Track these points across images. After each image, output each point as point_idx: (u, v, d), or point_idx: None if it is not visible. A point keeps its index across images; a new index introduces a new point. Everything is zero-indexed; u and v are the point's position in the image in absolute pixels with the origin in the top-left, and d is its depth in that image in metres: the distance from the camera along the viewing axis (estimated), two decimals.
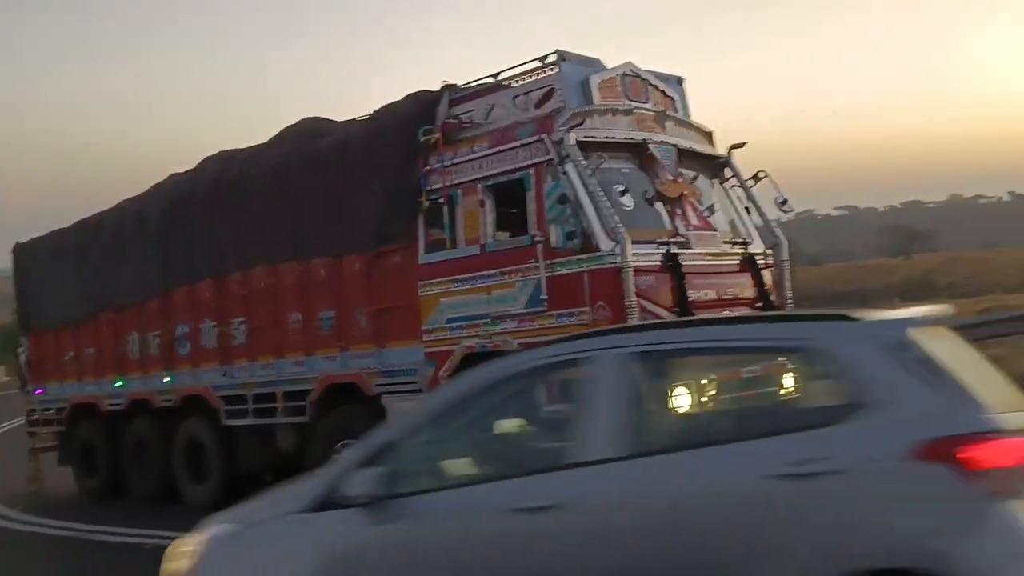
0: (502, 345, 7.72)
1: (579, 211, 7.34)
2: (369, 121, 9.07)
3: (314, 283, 9.33)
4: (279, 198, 9.58)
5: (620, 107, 8.00)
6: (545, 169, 7.56)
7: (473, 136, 8.26)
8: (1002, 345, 15.10)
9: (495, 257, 7.89)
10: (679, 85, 8.89)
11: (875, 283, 60.33)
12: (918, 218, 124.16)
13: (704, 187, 8.61)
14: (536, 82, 8.07)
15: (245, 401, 9.94)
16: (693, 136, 8.63)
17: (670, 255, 7.45)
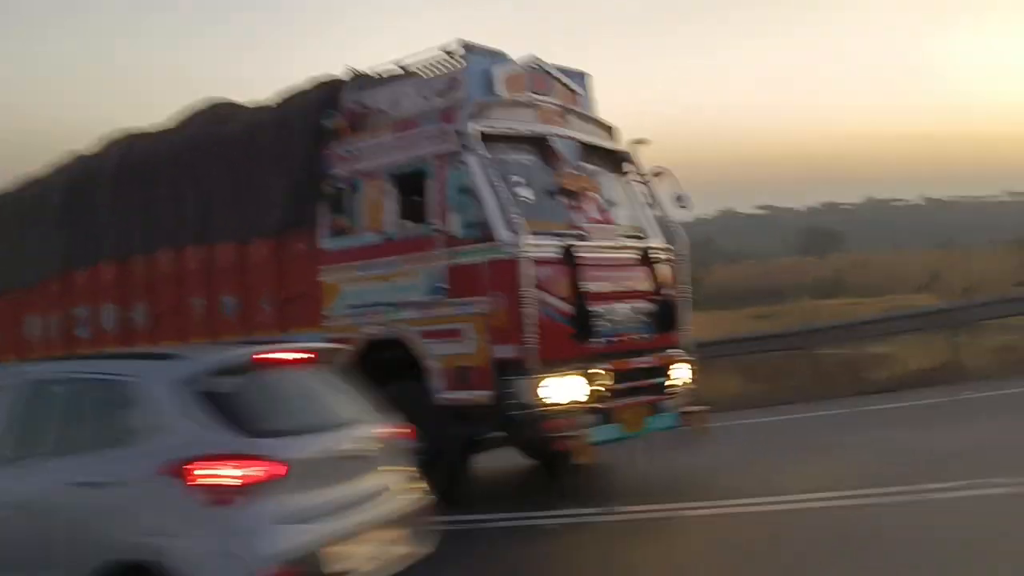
0: (402, 333, 7.78)
1: (479, 202, 7.41)
2: (275, 106, 9.02)
3: (218, 268, 9.26)
4: (185, 182, 9.49)
5: (523, 100, 8.09)
6: (447, 159, 7.62)
7: (377, 124, 8.29)
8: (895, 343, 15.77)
9: (396, 245, 7.93)
10: (584, 81, 9.02)
11: (788, 282, 61.87)
12: (835, 219, 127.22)
13: (607, 182, 8.76)
14: (441, 72, 8.12)
15: None
16: (596, 131, 8.76)
17: (567, 247, 7.58)
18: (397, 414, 7.76)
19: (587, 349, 7.57)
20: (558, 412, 7.29)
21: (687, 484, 8.05)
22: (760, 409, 12.60)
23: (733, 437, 10.12)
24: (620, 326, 7.93)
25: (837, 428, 10.41)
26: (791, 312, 33.66)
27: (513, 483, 9.15)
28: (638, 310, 8.15)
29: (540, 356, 7.21)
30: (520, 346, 7.20)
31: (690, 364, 8.61)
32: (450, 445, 7.67)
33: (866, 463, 8.06)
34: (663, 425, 8.18)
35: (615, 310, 7.90)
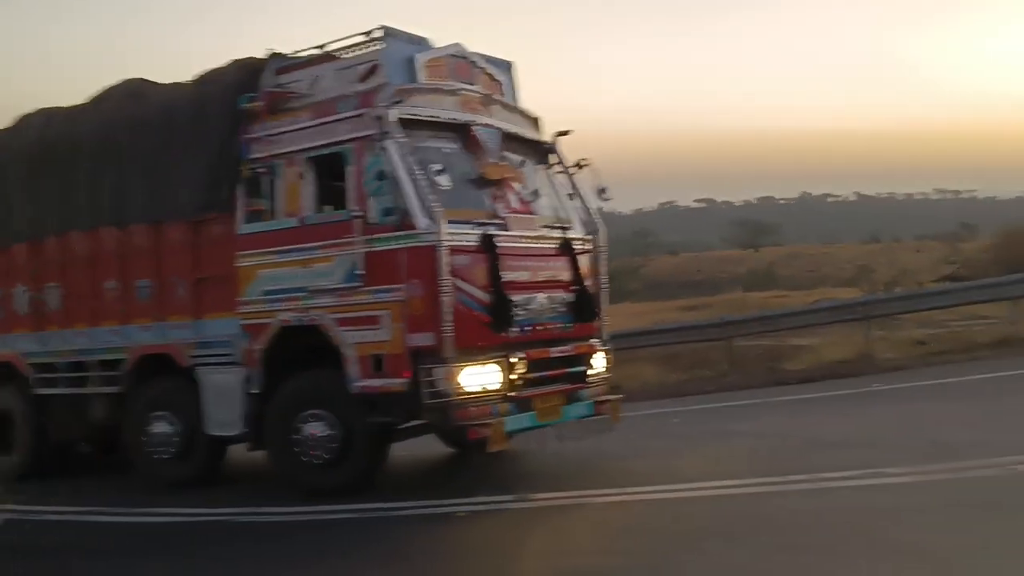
0: (318, 319, 7.73)
1: (397, 188, 7.39)
2: (193, 86, 8.85)
3: (133, 250, 9.07)
4: (100, 161, 9.27)
5: (445, 87, 8.06)
6: (365, 144, 7.58)
7: (297, 107, 8.18)
8: (815, 335, 16.19)
9: (314, 230, 7.87)
10: (509, 70, 9.02)
11: (723, 273, 62.95)
12: (771, 213, 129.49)
13: (529, 172, 8.80)
14: (361, 56, 8.04)
15: (57, 369, 9.60)
16: (520, 121, 8.78)
17: (486, 236, 7.61)
18: (313, 402, 7.81)
19: (504, 338, 7.61)
20: (473, 400, 7.32)
21: (597, 471, 8.18)
22: (677, 398, 12.86)
23: (646, 425, 10.32)
24: (538, 316, 7.98)
25: (746, 417, 10.68)
26: (721, 303, 34.37)
27: (429, 471, 9.19)
28: (557, 300, 8.21)
29: (456, 344, 7.23)
30: (436, 334, 7.21)
31: (606, 354, 8.71)
32: (365, 434, 7.67)
33: (766, 451, 8.31)
34: (578, 414, 8.26)
35: (533, 300, 7.95)
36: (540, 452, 8.65)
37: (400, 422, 7.75)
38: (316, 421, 7.74)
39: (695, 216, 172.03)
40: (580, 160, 9.04)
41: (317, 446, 7.73)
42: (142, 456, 8.93)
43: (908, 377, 12.02)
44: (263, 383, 8.05)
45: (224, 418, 8.29)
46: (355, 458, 7.74)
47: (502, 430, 7.37)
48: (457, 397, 7.24)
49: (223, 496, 8.28)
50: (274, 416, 7.96)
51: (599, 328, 8.73)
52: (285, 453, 7.89)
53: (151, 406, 8.88)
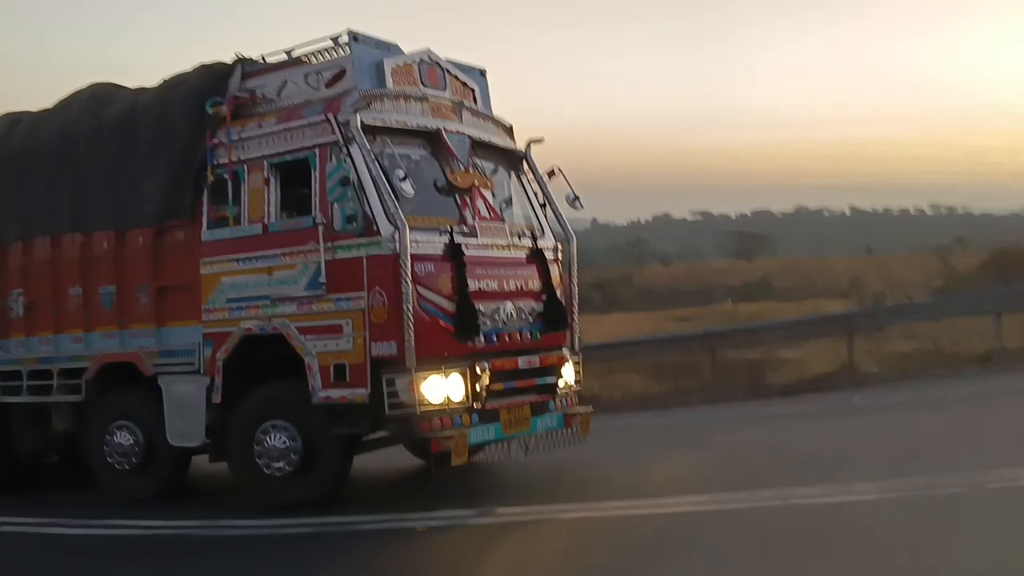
0: (281, 328, 7.58)
1: (361, 195, 7.26)
2: (158, 90, 8.71)
3: (96, 256, 8.89)
4: (64, 165, 9.10)
5: (413, 93, 7.93)
6: (330, 150, 7.44)
7: (262, 112, 8.05)
8: (805, 346, 16.10)
9: (277, 237, 7.72)
10: (481, 77, 8.90)
11: (716, 284, 62.93)
12: (766, 226, 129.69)
13: (499, 180, 8.68)
14: (328, 62, 7.92)
15: (20, 377, 9.43)
16: (491, 128, 8.65)
17: (452, 244, 7.47)
18: (275, 413, 7.66)
19: (469, 348, 7.46)
20: (435, 412, 7.17)
21: (565, 485, 8.03)
22: (658, 410, 12.72)
23: (620, 437, 10.20)
24: (505, 325, 7.83)
25: (723, 429, 10.56)
26: (712, 314, 34.31)
27: (396, 483, 9.03)
28: (525, 309, 8.07)
29: (419, 354, 7.07)
30: (398, 343, 7.06)
31: (576, 364, 8.57)
32: (328, 445, 7.52)
33: (739, 465, 8.17)
34: (546, 426, 8.11)
35: (501, 309, 7.80)
36: (508, 464, 8.50)
37: (364, 433, 7.60)
38: (278, 432, 7.57)
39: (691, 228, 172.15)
40: (552, 168, 8.93)
41: (279, 458, 7.56)
42: (103, 467, 8.74)
43: (889, 391, 11.90)
44: (225, 393, 7.89)
45: (186, 429, 8.12)
46: (318, 470, 7.57)
47: (465, 442, 7.21)
48: (419, 408, 7.08)
49: (185, 509, 8.10)
50: (236, 427, 7.79)
51: (570, 338, 8.58)
52: (247, 465, 7.72)
53: (112, 416, 8.71)
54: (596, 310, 53.05)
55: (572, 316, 8.64)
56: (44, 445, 9.84)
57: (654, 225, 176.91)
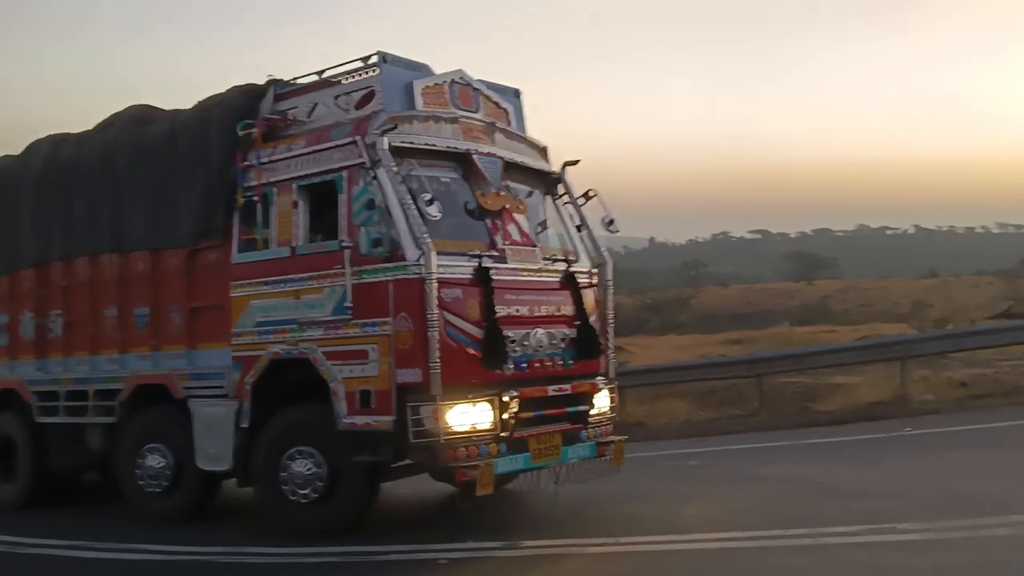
0: (307, 353, 7.49)
1: (387, 218, 7.14)
2: (194, 111, 8.73)
3: (132, 277, 8.95)
4: (103, 186, 9.20)
5: (444, 115, 7.81)
6: (357, 172, 7.35)
7: (292, 134, 8.01)
8: (858, 372, 15.61)
9: (305, 260, 7.64)
10: (516, 98, 8.75)
11: (774, 306, 62.07)
12: (826, 246, 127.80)
13: (533, 202, 8.51)
14: (358, 83, 7.85)
15: (58, 398, 9.49)
16: (525, 150, 8.49)
17: (480, 268, 7.31)
18: (301, 439, 7.56)
19: (497, 375, 7.28)
20: (461, 440, 6.99)
21: (595, 517, 7.77)
22: (701, 438, 12.38)
23: (660, 467, 9.89)
24: (535, 352, 7.64)
25: (766, 461, 10.18)
26: (767, 338, 33.70)
27: (419, 512, 8.86)
28: (557, 336, 7.86)
29: (445, 381, 6.90)
30: (424, 370, 6.91)
31: (611, 392, 8.33)
32: (353, 473, 7.39)
33: (778, 499, 7.83)
34: (578, 455, 7.87)
35: (530, 335, 7.61)
36: (539, 495, 8.28)
37: (388, 461, 7.43)
38: (303, 458, 7.49)
39: (749, 247, 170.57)
40: (588, 191, 8.73)
41: (304, 484, 7.46)
42: (133, 489, 8.74)
43: (943, 422, 11.41)
44: (253, 417, 7.81)
45: (214, 452, 8.06)
46: (342, 498, 7.45)
47: (491, 472, 7.00)
48: (444, 437, 6.91)
49: (211, 532, 8.03)
50: (262, 452, 7.71)
51: (604, 365, 8.35)
52: (272, 490, 7.63)
53: (144, 438, 8.70)
54: (651, 332, 52.66)
55: (607, 342, 8.41)
56: (78, 464, 9.87)
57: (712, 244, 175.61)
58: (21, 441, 9.88)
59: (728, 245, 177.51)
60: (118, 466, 8.95)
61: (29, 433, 9.79)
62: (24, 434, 9.84)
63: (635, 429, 13.04)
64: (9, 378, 10.04)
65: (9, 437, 10.01)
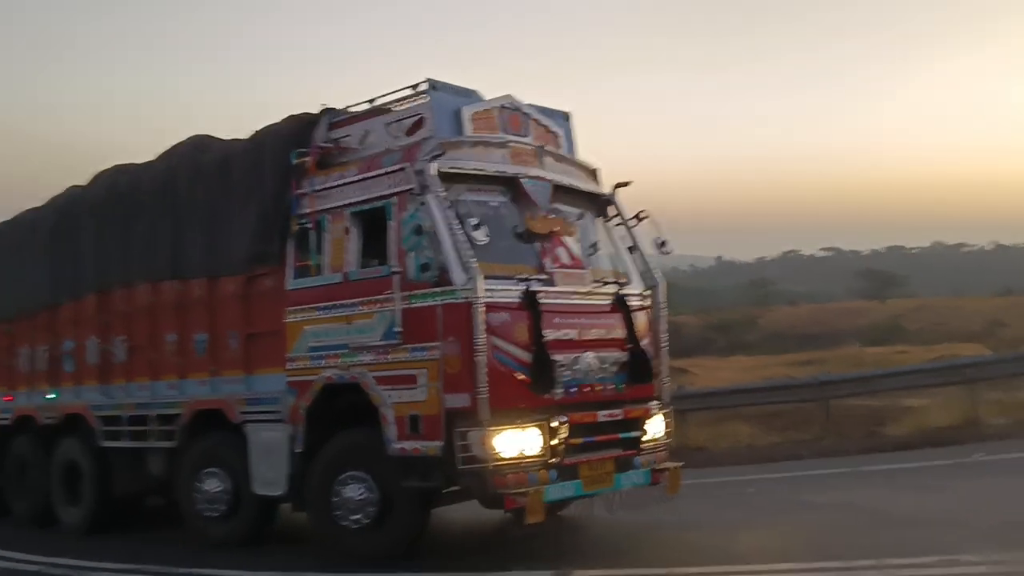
0: (358, 377, 7.53)
1: (435, 243, 7.16)
2: (251, 140, 8.89)
3: (190, 303, 9.12)
4: (163, 214, 9.42)
5: (492, 139, 7.82)
6: (406, 199, 7.40)
7: (345, 161, 8.10)
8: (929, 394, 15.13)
9: (356, 286, 7.70)
10: (566, 121, 8.74)
11: (845, 326, 60.62)
12: (900, 263, 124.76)
13: (583, 225, 8.46)
14: (408, 110, 7.92)
15: (120, 423, 9.69)
16: (575, 172, 8.46)
17: (528, 292, 7.27)
18: (353, 463, 7.59)
19: (546, 400, 7.22)
20: (510, 467, 6.93)
21: (647, 546, 7.62)
22: (764, 463, 12.10)
23: (718, 494, 9.67)
24: (585, 376, 7.56)
25: (829, 487, 9.89)
26: (836, 359, 32.91)
27: (472, 538, 8.78)
28: (608, 360, 7.77)
29: (493, 406, 6.86)
30: (471, 395, 6.88)
31: (665, 417, 8.19)
32: (404, 498, 7.38)
33: (838, 528, 7.59)
34: (632, 482, 7.75)
35: (580, 359, 7.54)
36: (592, 523, 8.16)
37: (437, 487, 7.40)
38: (356, 483, 7.51)
39: (820, 265, 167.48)
40: (639, 212, 8.65)
41: (356, 510, 7.49)
42: (192, 513, 8.86)
43: (1016, 447, 10.97)
44: (307, 442, 7.87)
45: (270, 477, 8.14)
46: (393, 524, 7.45)
47: (540, 499, 6.93)
48: (493, 463, 6.86)
49: (266, 558, 8.09)
50: (315, 477, 7.76)
51: (658, 389, 8.23)
52: (325, 515, 7.67)
53: (202, 462, 8.83)
54: (717, 353, 51.91)
55: (661, 366, 8.29)
56: (141, 488, 10.05)
57: (781, 262, 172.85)
58: (86, 465, 10.10)
59: (798, 263, 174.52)
60: (178, 490, 9.09)
61: (94, 457, 10.01)
62: (89, 458, 10.07)
63: (696, 454, 12.83)
64: (75, 403, 10.30)
65: (75, 461, 10.25)
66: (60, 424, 10.44)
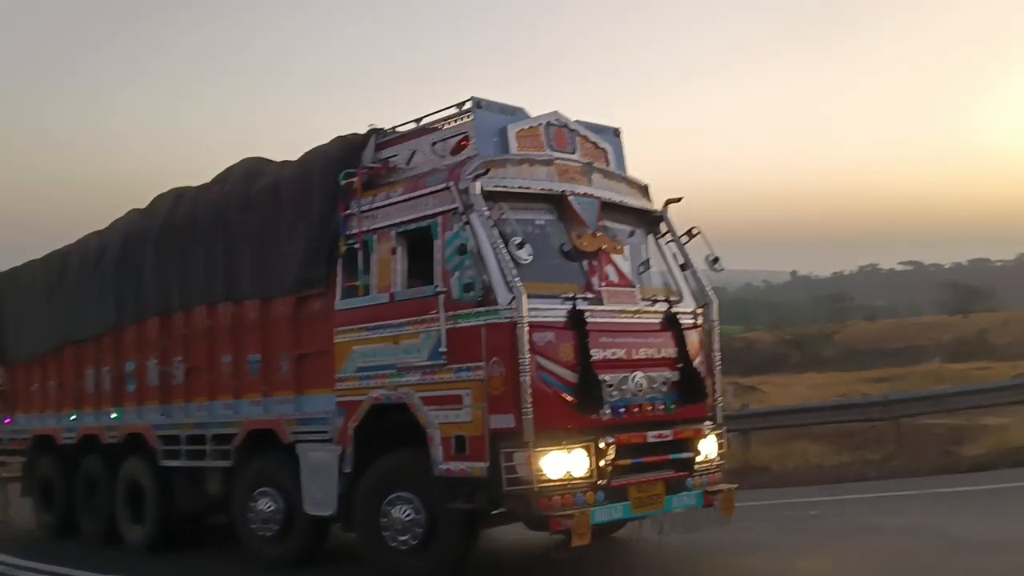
0: (405, 398, 7.50)
1: (479, 262, 7.10)
2: (299, 163, 8.98)
3: (244, 325, 9.24)
4: (217, 238, 9.57)
5: (538, 157, 7.74)
6: (451, 218, 7.36)
7: (392, 181, 8.12)
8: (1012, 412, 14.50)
9: (403, 306, 7.68)
10: (615, 137, 8.63)
11: (926, 341, 58.81)
12: (985, 276, 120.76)
13: (633, 242, 8.33)
14: (453, 129, 7.90)
15: (179, 442, 9.84)
16: (624, 189, 8.33)
17: (574, 311, 7.16)
18: (400, 484, 7.55)
19: (593, 421, 7.09)
20: (556, 488, 6.81)
21: (699, 571, 7.50)
22: (831, 484, 11.71)
23: (779, 516, 9.38)
24: (634, 396, 7.41)
25: (897, 510, 9.50)
26: (914, 376, 31.91)
27: (520, 560, 8.65)
28: (658, 379, 7.61)
29: (538, 427, 6.76)
30: (516, 416, 6.79)
31: (719, 437, 7.98)
32: (450, 519, 7.31)
33: (902, 554, 7.28)
34: (683, 504, 7.56)
35: (628, 379, 7.39)
36: (643, 546, 7.98)
37: (482, 509, 7.31)
38: (403, 504, 7.47)
39: (899, 279, 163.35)
40: (691, 228, 8.49)
41: (403, 530, 7.45)
42: (247, 532, 8.93)
43: None
44: (356, 462, 7.87)
45: (320, 497, 8.16)
46: (440, 545, 7.38)
47: (587, 522, 6.79)
48: (538, 484, 6.74)
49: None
50: (363, 497, 7.75)
51: (710, 409, 8.02)
52: (373, 536, 7.65)
53: (256, 482, 8.90)
54: (791, 369, 50.79)
55: (714, 385, 8.09)
56: (200, 507, 10.18)
57: (859, 276, 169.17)
58: (148, 484, 10.27)
59: (877, 277, 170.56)
60: (233, 510, 9.17)
61: (155, 476, 10.18)
62: (151, 477, 10.23)
63: (759, 474, 12.52)
64: (137, 423, 10.49)
65: (137, 481, 10.44)
66: (123, 443, 10.64)
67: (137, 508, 10.46)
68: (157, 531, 10.22)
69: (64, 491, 11.76)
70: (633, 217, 8.40)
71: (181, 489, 10.07)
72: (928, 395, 14.49)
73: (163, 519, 10.19)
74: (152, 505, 10.24)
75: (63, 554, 10.32)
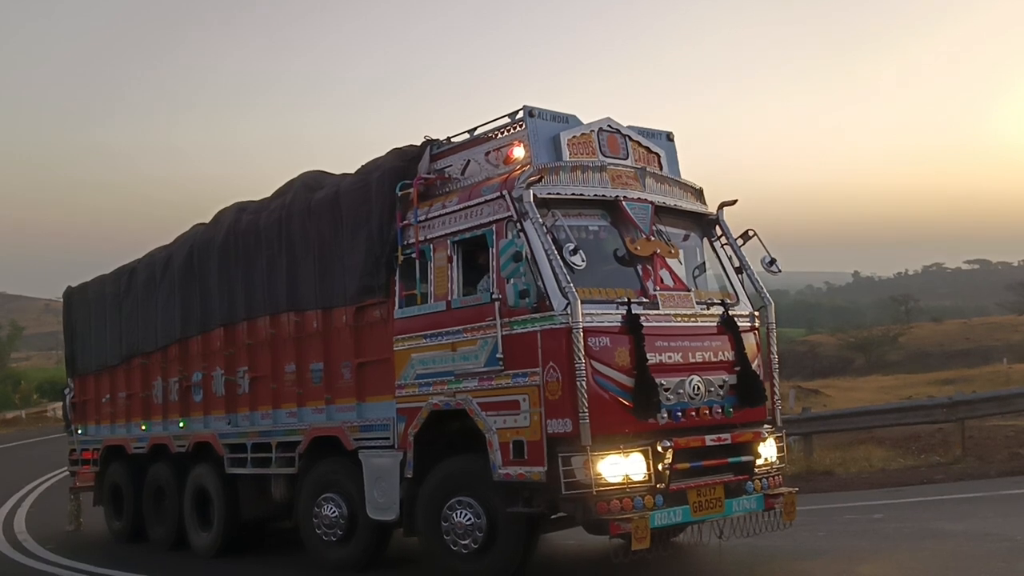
0: (463, 404, 7.60)
1: (534, 269, 7.18)
2: (358, 175, 9.16)
3: (307, 334, 9.43)
4: (279, 249, 9.79)
5: (591, 163, 7.81)
6: (505, 226, 7.46)
7: (447, 191, 8.25)
8: None
9: (460, 313, 7.79)
10: (668, 141, 8.65)
11: (995, 342, 57.44)
12: None
13: (688, 246, 8.34)
14: (506, 138, 8.00)
15: (245, 450, 10.07)
16: (677, 193, 8.35)
17: (629, 316, 7.20)
18: (460, 489, 7.65)
19: (650, 425, 7.11)
20: (615, 492, 6.85)
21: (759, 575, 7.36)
22: (896, 488, 11.53)
23: (842, 520, 9.27)
24: (691, 400, 7.41)
25: (963, 514, 9.33)
26: (982, 377, 31.23)
27: (580, 564, 8.69)
28: (715, 383, 7.60)
29: (595, 431, 6.80)
30: (573, 420, 6.85)
31: (778, 441, 7.94)
32: (510, 524, 7.39)
33: (967, 559, 7.15)
34: (743, 508, 7.54)
35: (685, 383, 7.40)
36: (705, 550, 7.95)
37: (542, 513, 7.37)
38: (463, 509, 7.57)
39: (966, 279, 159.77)
40: (747, 231, 8.48)
41: (464, 534, 7.54)
42: (312, 538, 9.11)
43: None
44: (417, 467, 7.99)
45: (382, 502, 8.30)
46: (501, 549, 7.45)
47: (646, 525, 6.81)
48: (596, 488, 6.79)
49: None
50: (424, 502, 7.86)
51: (769, 413, 7.99)
52: (435, 540, 7.75)
53: (320, 488, 9.08)
54: (856, 372, 50.04)
55: (772, 388, 8.06)
56: (266, 514, 10.40)
57: (924, 276, 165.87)
58: (215, 491, 10.53)
59: (942, 277, 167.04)
60: (298, 515, 9.36)
61: (222, 484, 10.43)
62: (218, 485, 10.49)
63: (822, 479, 12.39)
64: (204, 432, 10.77)
65: (204, 488, 10.71)
66: (191, 452, 10.93)
67: (204, 515, 10.74)
68: (223, 537, 10.47)
69: (133, 499, 12.12)
70: (687, 221, 8.41)
71: (246, 496, 10.30)
72: (994, 396, 14.19)
73: (229, 525, 10.43)
74: (219, 511, 10.49)
75: (135, 560, 10.63)
